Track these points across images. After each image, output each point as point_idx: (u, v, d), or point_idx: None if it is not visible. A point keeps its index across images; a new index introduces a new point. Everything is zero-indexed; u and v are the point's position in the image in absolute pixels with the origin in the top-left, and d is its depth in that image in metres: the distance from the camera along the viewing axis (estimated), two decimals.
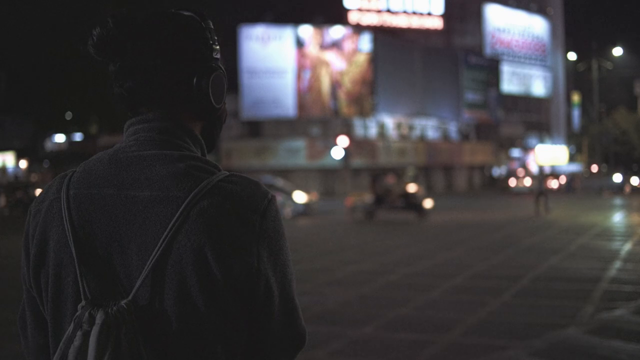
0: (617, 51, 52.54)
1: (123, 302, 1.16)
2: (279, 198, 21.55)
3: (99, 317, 1.14)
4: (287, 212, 23.54)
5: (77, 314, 1.17)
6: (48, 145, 59.68)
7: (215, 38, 1.33)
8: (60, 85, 47.31)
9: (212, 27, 1.33)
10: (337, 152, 37.79)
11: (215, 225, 1.18)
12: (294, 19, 44.74)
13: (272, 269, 1.24)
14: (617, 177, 44.06)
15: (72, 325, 1.17)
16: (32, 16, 46.27)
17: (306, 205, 24.97)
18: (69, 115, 56.18)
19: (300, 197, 25.05)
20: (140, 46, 1.27)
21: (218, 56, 1.33)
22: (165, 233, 1.18)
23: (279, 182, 27.02)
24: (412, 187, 22.88)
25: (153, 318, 1.18)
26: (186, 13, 1.33)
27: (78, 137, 57.79)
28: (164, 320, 1.18)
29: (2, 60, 49.69)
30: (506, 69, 61.97)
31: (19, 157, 56.75)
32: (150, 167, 1.24)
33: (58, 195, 1.27)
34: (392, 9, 52.58)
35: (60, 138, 58.97)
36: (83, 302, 1.18)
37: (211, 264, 1.17)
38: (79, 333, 1.15)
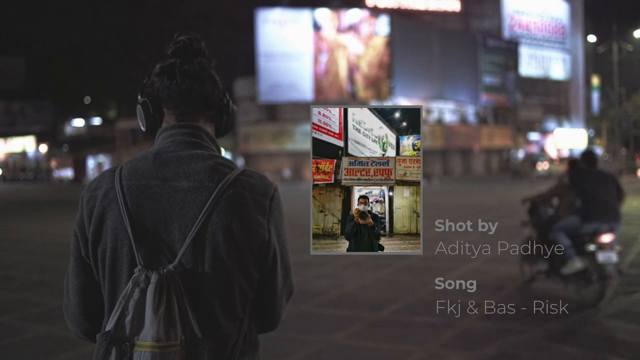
0: (638, 33, 51.82)
1: (171, 266, 1.54)
2: None
3: (153, 278, 1.51)
4: None
5: (135, 275, 1.53)
6: (67, 130, 60.09)
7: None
8: (79, 70, 47.48)
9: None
10: None
11: (239, 208, 1.58)
12: (311, 2, 44.55)
13: (277, 240, 1.67)
14: None
15: (130, 284, 1.53)
16: (51, 1, 46.37)
17: None
18: (87, 100, 56.46)
19: None
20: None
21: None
22: (202, 214, 1.57)
23: None
24: None
25: (192, 277, 1.56)
26: None
27: (97, 121, 58.13)
28: (201, 278, 1.57)
29: (22, 45, 49.96)
30: (525, 52, 61.33)
31: (38, 142, 57.25)
32: (187, 164, 1.63)
33: (112, 185, 1.63)
34: None
35: (79, 122, 59.35)
36: (139, 267, 1.54)
37: (237, 237, 1.58)
38: (137, 290, 1.51)
